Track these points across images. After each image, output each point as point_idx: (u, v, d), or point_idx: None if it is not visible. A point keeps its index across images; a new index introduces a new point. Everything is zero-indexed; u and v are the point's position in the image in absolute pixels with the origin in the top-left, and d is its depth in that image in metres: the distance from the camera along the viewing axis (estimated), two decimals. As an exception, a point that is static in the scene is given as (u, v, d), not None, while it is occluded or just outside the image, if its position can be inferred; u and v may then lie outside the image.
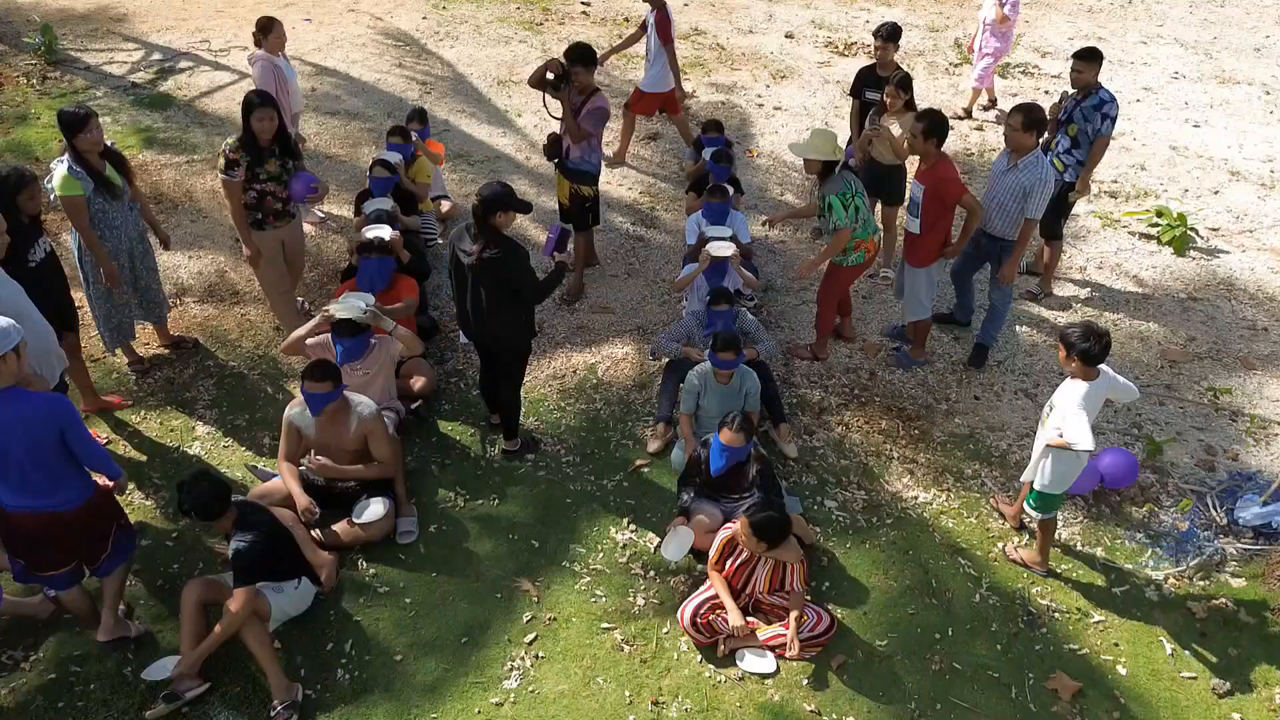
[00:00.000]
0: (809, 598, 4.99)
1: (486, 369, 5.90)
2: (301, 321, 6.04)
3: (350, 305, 5.44)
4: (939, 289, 6.95)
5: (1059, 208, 7.10)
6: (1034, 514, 5.14)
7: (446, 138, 9.17)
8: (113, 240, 5.69)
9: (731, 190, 7.19)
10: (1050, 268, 7.53)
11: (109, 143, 5.79)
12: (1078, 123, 6.84)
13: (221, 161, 6.00)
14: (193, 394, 6.21)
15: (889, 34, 7.69)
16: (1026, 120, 5.95)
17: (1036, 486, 5.03)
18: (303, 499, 5.05)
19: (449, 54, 11.40)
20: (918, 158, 6.16)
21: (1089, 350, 4.63)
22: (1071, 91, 6.99)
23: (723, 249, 6.30)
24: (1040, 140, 6.11)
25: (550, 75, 6.58)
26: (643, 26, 8.89)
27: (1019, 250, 6.27)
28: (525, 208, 5.32)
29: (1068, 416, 4.69)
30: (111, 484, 4.49)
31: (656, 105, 9.07)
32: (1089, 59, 6.79)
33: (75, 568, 4.45)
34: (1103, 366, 4.77)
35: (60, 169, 5.39)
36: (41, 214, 5.39)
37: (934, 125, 5.95)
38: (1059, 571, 5.31)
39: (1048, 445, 4.83)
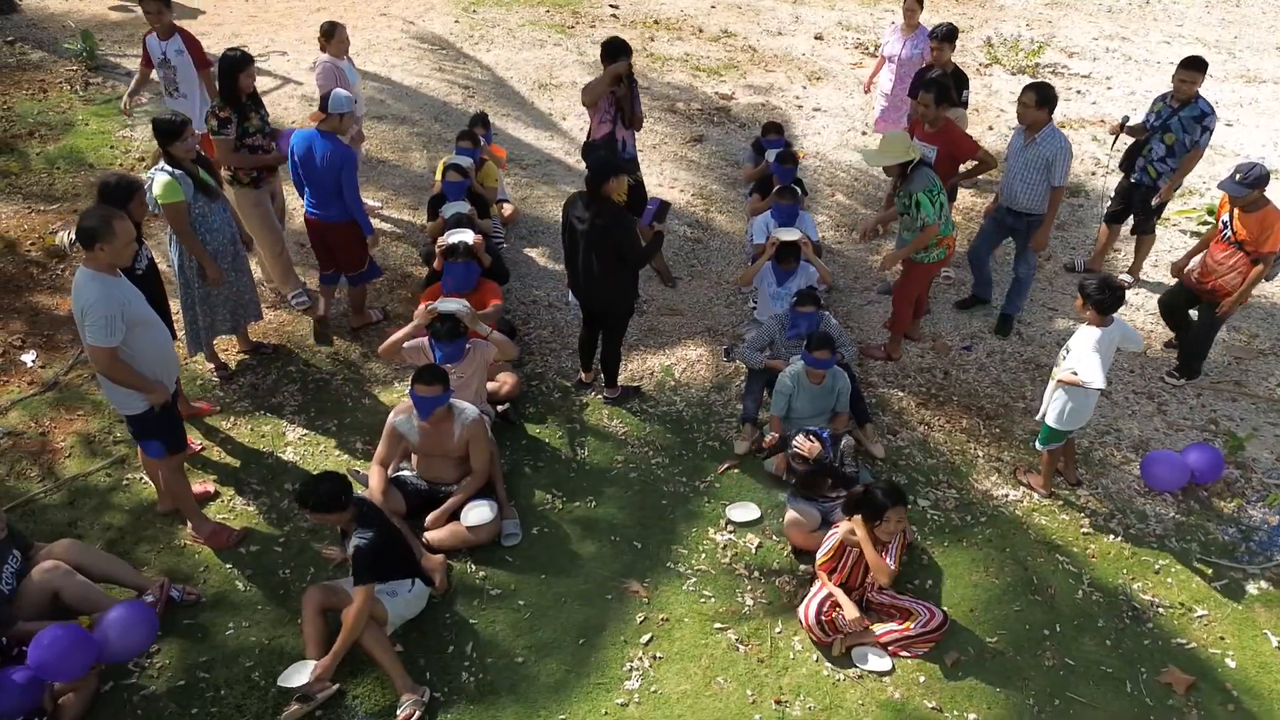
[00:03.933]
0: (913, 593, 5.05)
1: (589, 327, 6.28)
2: (292, 276, 6.95)
3: (452, 302, 5.51)
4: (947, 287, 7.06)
5: (1148, 208, 7.31)
6: (1039, 447, 5.65)
7: (496, 141, 9.16)
8: (214, 242, 5.70)
9: (798, 191, 7.25)
10: (1141, 256, 7.80)
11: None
12: (1175, 132, 6.90)
13: (213, 123, 6.24)
14: (279, 399, 6.19)
15: (945, 34, 7.77)
16: (1039, 98, 6.39)
17: (1048, 422, 5.45)
18: (379, 495, 5.13)
19: (486, 58, 11.40)
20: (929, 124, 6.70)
21: (1103, 301, 5.09)
22: (1166, 98, 7.02)
23: (789, 232, 6.51)
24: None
25: (618, 86, 6.70)
26: (147, 60, 7.24)
27: (1050, 217, 6.64)
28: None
29: (1083, 358, 5.15)
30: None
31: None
32: (1197, 69, 6.74)
33: (335, 273, 6.56)
34: (1115, 316, 5.20)
35: (161, 177, 5.37)
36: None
37: (942, 92, 6.58)
38: (1157, 569, 5.38)
39: (1059, 381, 5.28)
